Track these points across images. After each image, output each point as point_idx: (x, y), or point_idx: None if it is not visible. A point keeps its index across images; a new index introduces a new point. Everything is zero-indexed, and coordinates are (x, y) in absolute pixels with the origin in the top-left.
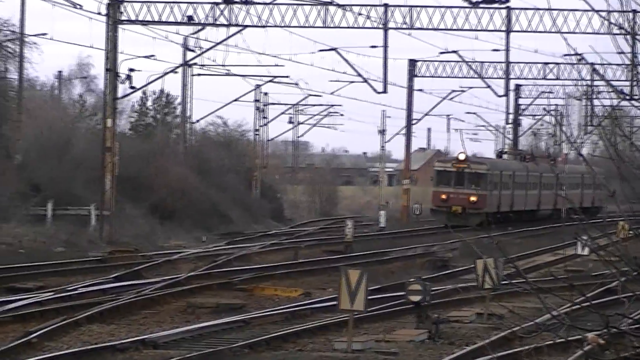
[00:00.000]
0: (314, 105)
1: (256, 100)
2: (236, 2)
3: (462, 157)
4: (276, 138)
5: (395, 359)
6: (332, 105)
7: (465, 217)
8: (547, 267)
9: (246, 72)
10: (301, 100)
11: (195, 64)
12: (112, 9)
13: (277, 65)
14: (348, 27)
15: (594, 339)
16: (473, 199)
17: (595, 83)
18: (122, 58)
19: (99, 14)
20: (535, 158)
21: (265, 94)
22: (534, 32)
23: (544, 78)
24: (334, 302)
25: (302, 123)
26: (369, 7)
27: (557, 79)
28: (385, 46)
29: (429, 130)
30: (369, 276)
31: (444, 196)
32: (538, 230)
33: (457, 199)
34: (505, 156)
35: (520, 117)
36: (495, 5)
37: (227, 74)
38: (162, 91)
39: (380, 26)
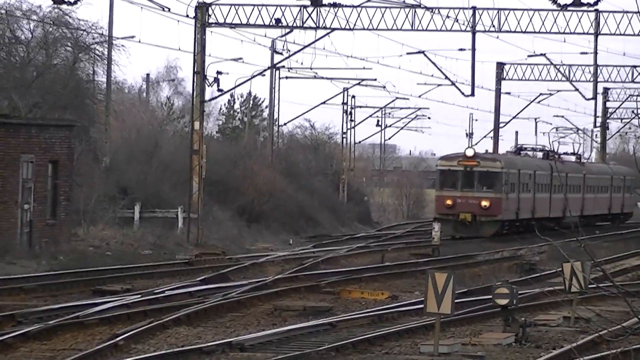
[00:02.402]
0: (402, 108)
1: (344, 103)
2: (324, 5)
3: (470, 152)
4: (364, 141)
5: None
6: (420, 108)
7: (476, 226)
8: (635, 271)
9: (334, 75)
10: (389, 103)
11: (283, 66)
12: (201, 12)
13: (365, 68)
14: (436, 30)
15: None
16: (485, 203)
17: None
18: (210, 61)
19: (187, 16)
20: (559, 156)
21: (353, 97)
22: (623, 34)
23: (633, 81)
24: (421, 305)
25: (389, 126)
26: (457, 10)
27: None
28: (473, 49)
29: (516, 133)
30: (456, 279)
31: (449, 201)
32: (626, 233)
33: (466, 204)
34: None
35: (608, 121)
36: (584, 8)
37: (315, 77)
38: (249, 94)
39: (468, 29)
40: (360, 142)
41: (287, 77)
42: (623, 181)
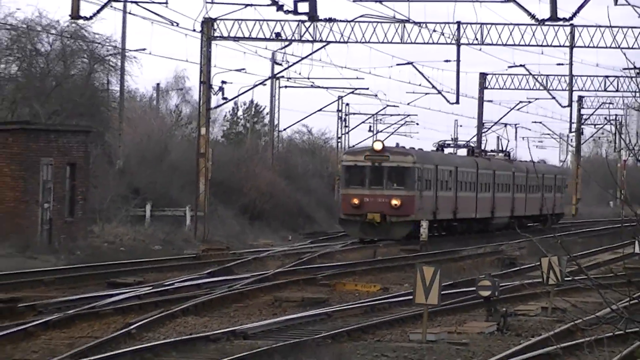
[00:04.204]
0: (392, 115)
1: (338, 110)
2: (320, 20)
3: (378, 146)
4: (357, 145)
5: (466, 350)
6: (409, 115)
7: (386, 227)
8: (607, 265)
9: (329, 84)
10: (380, 111)
11: (282, 76)
12: (207, 26)
13: (358, 78)
14: (423, 43)
15: None
16: (396, 202)
17: None
18: (215, 71)
19: (194, 30)
20: (486, 153)
21: (347, 104)
22: (596, 47)
23: (605, 90)
24: (410, 297)
25: (380, 131)
26: (442, 25)
27: (617, 90)
28: (458, 60)
29: (497, 138)
30: (442, 273)
31: (356, 200)
32: (599, 231)
33: (374, 203)
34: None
35: (583, 126)
36: (560, 22)
37: (312, 86)
38: (251, 102)
39: (454, 42)
40: (353, 146)
41: (286, 87)
42: (554, 180)
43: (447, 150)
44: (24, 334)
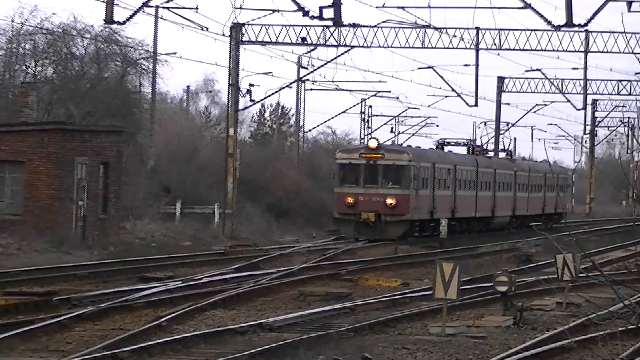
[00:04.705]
0: (413, 117)
1: (362, 112)
2: (344, 25)
3: (373, 143)
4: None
5: (483, 342)
6: (429, 117)
7: (381, 227)
8: (619, 262)
9: (353, 87)
10: (402, 113)
11: (307, 79)
12: (235, 31)
13: (381, 81)
14: (443, 48)
15: None
16: (391, 201)
17: None
18: (243, 74)
19: (223, 35)
20: (487, 151)
21: (370, 106)
22: (610, 52)
23: (618, 93)
24: (430, 292)
25: (402, 133)
26: (462, 30)
27: (630, 94)
28: (477, 65)
29: (514, 139)
30: (461, 268)
31: (350, 199)
32: (612, 229)
33: (369, 202)
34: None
35: (597, 128)
36: (575, 28)
37: (336, 89)
38: (278, 104)
39: (472, 47)
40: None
41: (311, 89)
42: (556, 180)
43: (447, 149)
44: (59, 325)
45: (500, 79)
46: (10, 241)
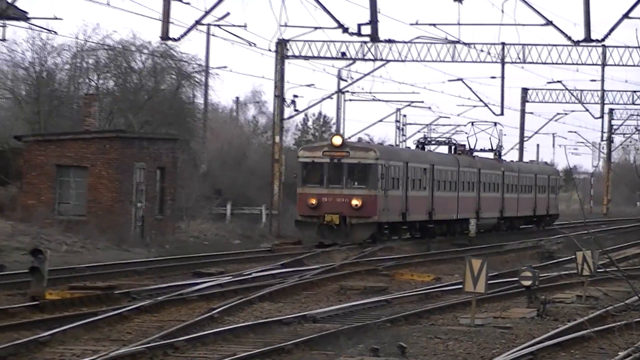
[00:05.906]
0: (444, 125)
1: (396, 121)
2: (381, 41)
3: (337, 141)
4: None
5: (509, 332)
6: (459, 125)
7: (346, 230)
8: (635, 258)
9: (389, 97)
10: (433, 121)
11: (347, 91)
12: (280, 47)
13: (414, 92)
14: (472, 62)
15: None
16: (356, 203)
17: None
18: (287, 86)
19: (269, 50)
20: (472, 151)
21: (404, 115)
22: (625, 65)
23: (633, 103)
24: (460, 286)
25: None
26: (489, 45)
27: None
28: (502, 77)
29: (537, 146)
30: (489, 264)
31: (313, 200)
32: (627, 228)
33: (333, 203)
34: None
35: (613, 135)
36: (593, 43)
37: (373, 100)
38: (320, 113)
39: (498, 61)
40: None
41: (350, 100)
42: (547, 181)
43: (430, 148)
44: (119, 317)
45: (524, 90)
46: (75, 240)
